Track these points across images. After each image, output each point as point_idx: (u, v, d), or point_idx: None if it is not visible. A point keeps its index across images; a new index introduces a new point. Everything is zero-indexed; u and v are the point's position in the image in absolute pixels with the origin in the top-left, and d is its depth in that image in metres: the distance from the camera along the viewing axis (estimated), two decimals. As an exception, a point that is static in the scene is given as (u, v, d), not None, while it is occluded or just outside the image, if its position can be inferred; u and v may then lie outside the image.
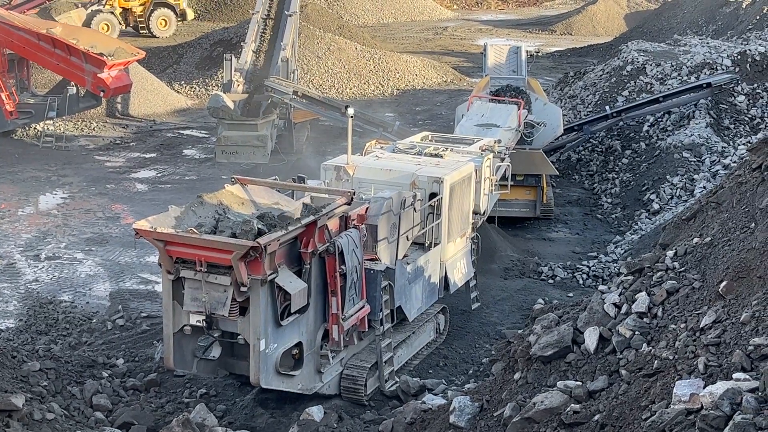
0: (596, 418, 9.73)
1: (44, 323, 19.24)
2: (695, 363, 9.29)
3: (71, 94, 35.96)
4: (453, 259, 18.95)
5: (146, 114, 40.31)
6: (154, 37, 56.64)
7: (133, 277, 22.37)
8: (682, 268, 11.69)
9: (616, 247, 24.79)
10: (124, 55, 35.59)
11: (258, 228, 13.64)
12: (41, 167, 32.38)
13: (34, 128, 36.46)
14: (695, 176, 27.61)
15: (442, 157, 19.45)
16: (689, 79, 33.70)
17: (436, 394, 15.45)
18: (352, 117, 18.29)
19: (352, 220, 15.27)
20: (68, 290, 21.45)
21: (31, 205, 28.42)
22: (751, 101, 32.22)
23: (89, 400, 15.07)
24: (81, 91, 36.45)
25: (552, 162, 28.31)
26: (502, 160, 21.38)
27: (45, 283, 21.82)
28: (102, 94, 35.41)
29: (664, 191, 27.49)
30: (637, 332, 10.83)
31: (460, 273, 19.33)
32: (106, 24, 53.56)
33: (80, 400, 14.96)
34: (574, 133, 31.94)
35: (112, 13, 54.79)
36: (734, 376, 8.58)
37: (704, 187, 25.52)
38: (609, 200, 29.26)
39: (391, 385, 16.30)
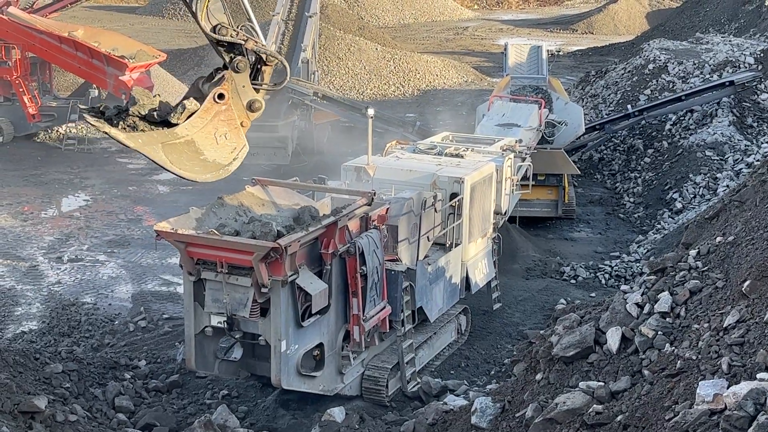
0: (619, 418, 9.67)
1: (67, 325, 19.32)
2: (719, 363, 9.21)
3: (93, 96, 36.16)
4: (474, 259, 18.89)
5: (168, 116, 40.36)
6: None
7: (155, 279, 22.44)
8: (705, 268, 11.60)
9: (638, 247, 24.67)
10: (145, 57, 35.72)
11: (278, 230, 13.64)
12: (64, 170, 32.57)
13: (57, 131, 36.76)
14: (718, 175, 27.45)
15: (462, 157, 19.40)
16: (712, 77, 33.50)
17: (457, 395, 15.41)
18: (372, 118, 18.27)
19: (373, 220, 15.25)
20: (91, 292, 21.54)
21: (54, 207, 28.61)
22: (774, 99, 32.01)
23: (111, 402, 15.11)
24: (103, 94, 36.61)
25: (574, 161, 28.21)
26: (523, 159, 21.31)
27: (67, 285, 21.93)
28: (123, 96, 35.54)
29: (687, 190, 27.35)
30: (659, 332, 10.75)
31: (481, 273, 19.27)
32: None
33: (103, 402, 15.01)
34: (596, 132, 31.83)
35: None
36: (758, 376, 8.50)
37: (727, 186, 25.37)
38: (631, 199, 29.13)
39: (413, 386, 16.27)
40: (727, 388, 8.56)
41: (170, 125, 11.69)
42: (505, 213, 20.52)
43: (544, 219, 26.95)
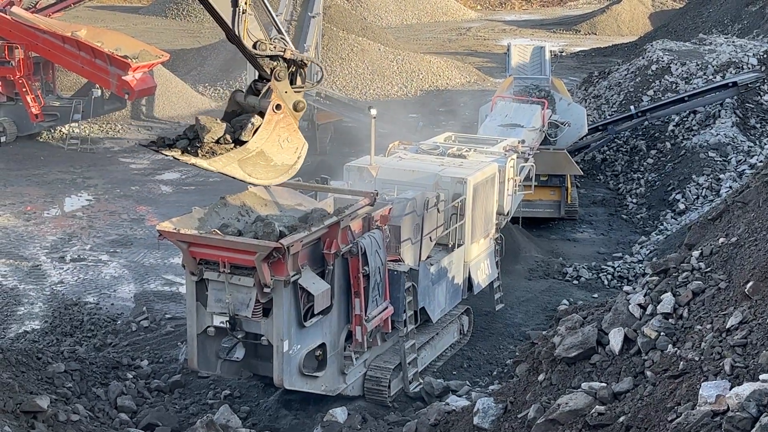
0: (621, 419, 9.65)
1: (69, 325, 19.32)
2: (721, 364, 9.19)
3: (96, 96, 36.22)
4: (477, 260, 18.89)
5: (170, 116, 40.47)
6: None
7: (158, 279, 22.44)
8: (708, 269, 11.58)
9: (641, 248, 24.64)
10: (148, 57, 35.77)
11: (280, 230, 13.65)
12: (66, 169, 32.58)
13: (60, 131, 36.77)
14: (721, 176, 27.41)
15: (465, 157, 19.38)
16: (715, 78, 33.47)
17: (459, 396, 15.40)
18: (375, 117, 18.27)
19: (376, 221, 15.25)
20: (93, 292, 21.54)
21: (57, 207, 28.61)
22: (777, 100, 31.98)
23: (114, 402, 15.12)
24: (106, 94, 36.68)
25: (576, 162, 28.17)
26: (526, 160, 21.29)
27: (70, 285, 21.93)
28: (126, 96, 35.63)
29: (690, 191, 27.32)
30: (662, 333, 10.73)
31: (483, 274, 19.27)
32: None
33: (105, 402, 15.02)
34: (599, 133, 31.79)
35: None
36: (761, 377, 8.49)
37: (730, 187, 25.33)
38: (634, 200, 29.10)
39: (415, 387, 16.26)
40: (730, 389, 8.55)
41: (241, 143, 13.11)
42: (508, 213, 20.50)
43: (546, 220, 26.93)
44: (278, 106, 13.31)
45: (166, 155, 12.95)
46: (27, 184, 30.71)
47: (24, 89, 35.00)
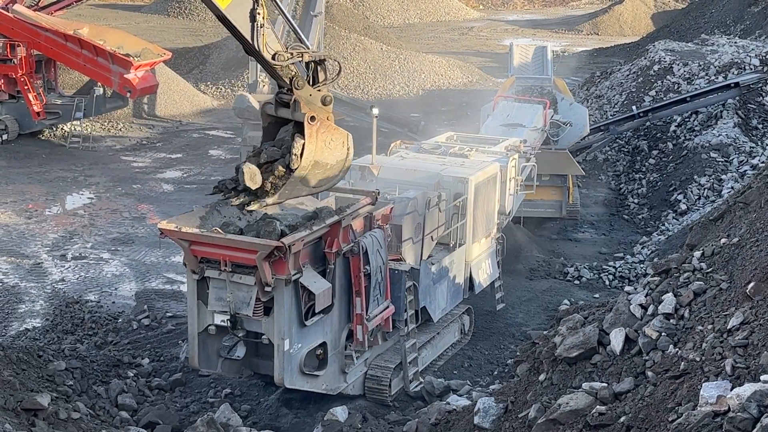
0: (622, 420, 9.65)
1: (70, 323, 19.32)
2: (722, 365, 9.19)
3: (98, 94, 36.24)
4: (478, 259, 18.88)
5: (172, 114, 40.47)
6: None
7: (159, 277, 22.44)
8: (710, 269, 11.58)
9: (642, 248, 24.63)
10: (150, 55, 35.78)
11: (281, 229, 13.65)
12: (68, 167, 32.59)
13: (62, 129, 36.79)
14: (723, 176, 27.39)
15: (467, 157, 19.38)
16: (717, 78, 33.45)
17: (460, 395, 15.40)
18: (377, 117, 18.24)
19: (377, 220, 15.25)
20: (94, 290, 21.54)
21: (58, 205, 28.62)
22: (779, 101, 31.93)
23: (114, 400, 15.12)
24: (108, 92, 36.69)
25: (578, 162, 28.14)
26: (528, 160, 21.29)
27: (71, 283, 21.93)
28: (128, 94, 35.64)
29: (692, 192, 27.30)
30: (663, 333, 10.73)
31: (485, 273, 19.26)
32: None
33: (105, 400, 15.01)
34: (601, 133, 31.75)
35: None
36: (762, 377, 8.48)
37: (732, 188, 25.31)
38: (636, 201, 29.09)
39: (416, 386, 16.26)
40: (731, 390, 8.54)
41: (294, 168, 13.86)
42: (509, 213, 20.49)
43: (548, 219, 26.89)
44: (312, 118, 13.81)
45: (235, 205, 13.93)
46: (28, 181, 30.72)
47: (26, 87, 35.01)
